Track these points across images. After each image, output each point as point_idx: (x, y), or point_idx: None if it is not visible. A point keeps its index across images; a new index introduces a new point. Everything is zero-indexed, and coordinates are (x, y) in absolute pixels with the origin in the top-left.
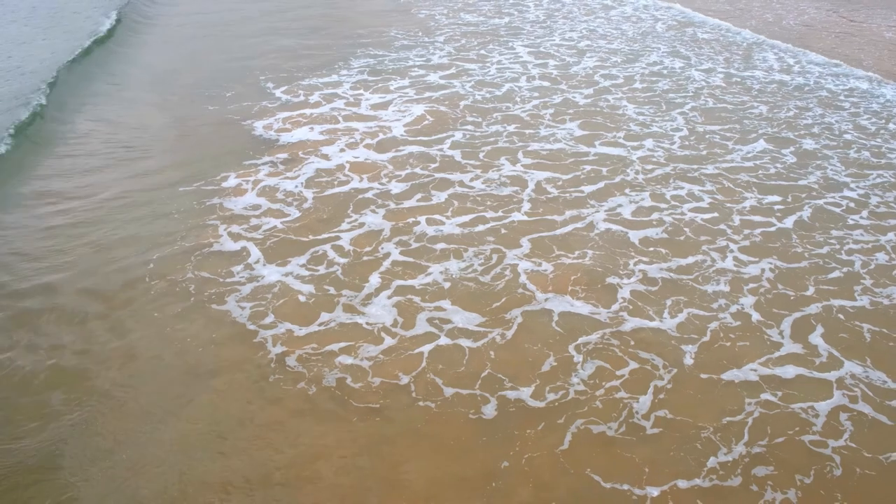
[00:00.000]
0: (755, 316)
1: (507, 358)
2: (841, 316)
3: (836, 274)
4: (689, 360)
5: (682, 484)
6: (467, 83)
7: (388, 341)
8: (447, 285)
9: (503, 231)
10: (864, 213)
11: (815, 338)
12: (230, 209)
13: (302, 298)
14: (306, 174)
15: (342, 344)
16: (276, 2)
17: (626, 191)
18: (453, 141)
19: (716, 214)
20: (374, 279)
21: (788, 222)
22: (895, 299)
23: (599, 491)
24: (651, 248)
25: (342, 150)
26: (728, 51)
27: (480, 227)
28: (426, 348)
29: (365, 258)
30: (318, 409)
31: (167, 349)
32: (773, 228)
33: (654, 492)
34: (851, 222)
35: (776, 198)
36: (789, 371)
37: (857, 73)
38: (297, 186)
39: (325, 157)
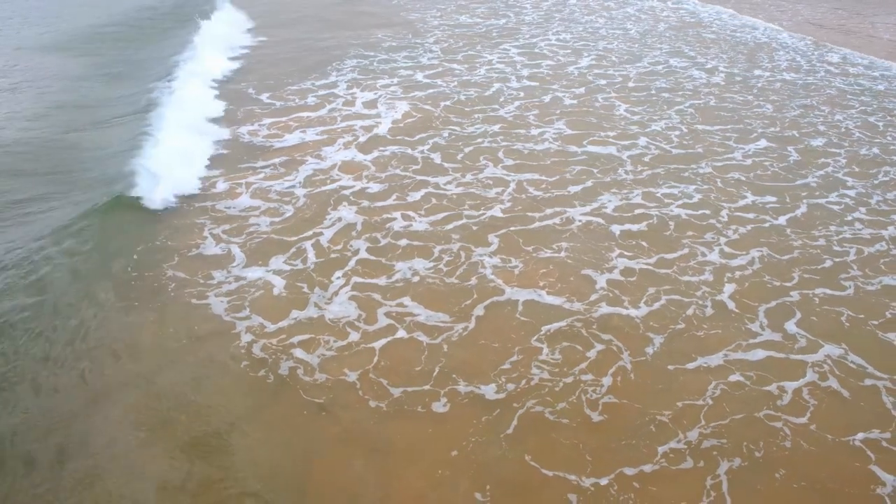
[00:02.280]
0: (731, 304)
1: (468, 349)
2: (816, 300)
3: (827, 264)
4: (656, 348)
5: (629, 471)
6: (452, 83)
7: (353, 336)
8: (416, 280)
9: (481, 229)
10: (863, 210)
11: (791, 325)
12: (222, 211)
13: (276, 292)
14: (297, 176)
15: (303, 336)
16: (272, 4)
17: (613, 189)
18: (435, 142)
19: (707, 211)
20: (339, 276)
21: (782, 220)
22: (880, 286)
23: (540, 477)
24: (633, 242)
25: (337, 151)
26: (734, 49)
27: (455, 223)
28: (382, 342)
29: (333, 255)
30: (271, 402)
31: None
32: (766, 225)
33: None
34: (850, 218)
35: (772, 198)
36: (759, 354)
37: (869, 74)
38: (289, 187)
39: (319, 157)
